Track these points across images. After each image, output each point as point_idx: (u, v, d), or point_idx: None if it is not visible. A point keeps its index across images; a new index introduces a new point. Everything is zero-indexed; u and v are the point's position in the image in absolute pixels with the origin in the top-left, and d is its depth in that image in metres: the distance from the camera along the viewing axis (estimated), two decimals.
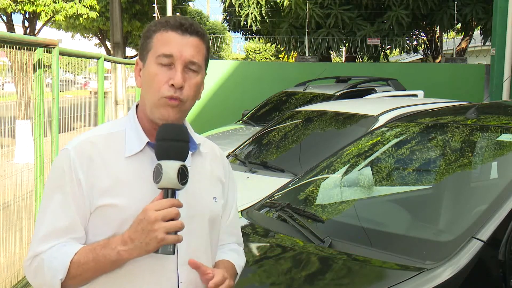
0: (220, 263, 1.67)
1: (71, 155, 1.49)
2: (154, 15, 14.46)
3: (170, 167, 1.41)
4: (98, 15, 14.91)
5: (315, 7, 14.21)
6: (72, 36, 20.52)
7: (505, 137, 2.84)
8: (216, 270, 1.55)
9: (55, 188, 1.51)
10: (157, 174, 1.42)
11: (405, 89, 8.38)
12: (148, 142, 1.55)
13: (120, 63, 9.71)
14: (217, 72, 11.75)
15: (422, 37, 17.11)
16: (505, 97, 8.58)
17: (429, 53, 17.30)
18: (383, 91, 7.98)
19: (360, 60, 17.22)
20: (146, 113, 1.56)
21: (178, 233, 1.41)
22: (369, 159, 3.26)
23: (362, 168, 3.20)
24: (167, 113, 1.50)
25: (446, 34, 18.30)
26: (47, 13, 12.90)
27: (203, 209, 1.60)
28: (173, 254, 1.43)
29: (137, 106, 1.62)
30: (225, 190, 1.72)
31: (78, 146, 1.51)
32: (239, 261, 1.74)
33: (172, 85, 1.49)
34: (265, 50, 39.45)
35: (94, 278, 1.47)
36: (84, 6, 13.62)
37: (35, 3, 12.19)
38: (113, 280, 1.48)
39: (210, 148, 1.70)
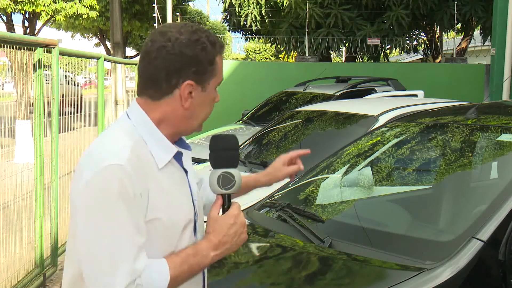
0: None
1: (128, 170, 1.41)
2: (154, 15, 14.47)
3: (238, 175, 1.54)
4: (98, 15, 14.89)
5: (315, 7, 14.20)
6: (72, 36, 20.53)
7: (505, 137, 2.84)
8: None
9: (117, 205, 1.40)
10: (227, 181, 1.53)
11: (405, 89, 8.39)
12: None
13: (120, 63, 9.71)
14: None
15: (422, 37, 17.10)
16: (505, 97, 8.58)
17: (429, 53, 17.29)
18: (383, 91, 7.98)
19: (360, 60, 17.21)
20: (179, 126, 1.54)
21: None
22: (369, 159, 3.26)
23: (362, 168, 3.20)
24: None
25: (446, 34, 18.30)
26: (47, 13, 12.89)
27: (201, 204, 1.70)
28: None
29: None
30: None
31: (129, 160, 1.43)
32: None
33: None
34: (265, 50, 39.45)
35: None
36: (84, 6, 13.61)
37: (35, 3, 12.18)
38: None
39: None
